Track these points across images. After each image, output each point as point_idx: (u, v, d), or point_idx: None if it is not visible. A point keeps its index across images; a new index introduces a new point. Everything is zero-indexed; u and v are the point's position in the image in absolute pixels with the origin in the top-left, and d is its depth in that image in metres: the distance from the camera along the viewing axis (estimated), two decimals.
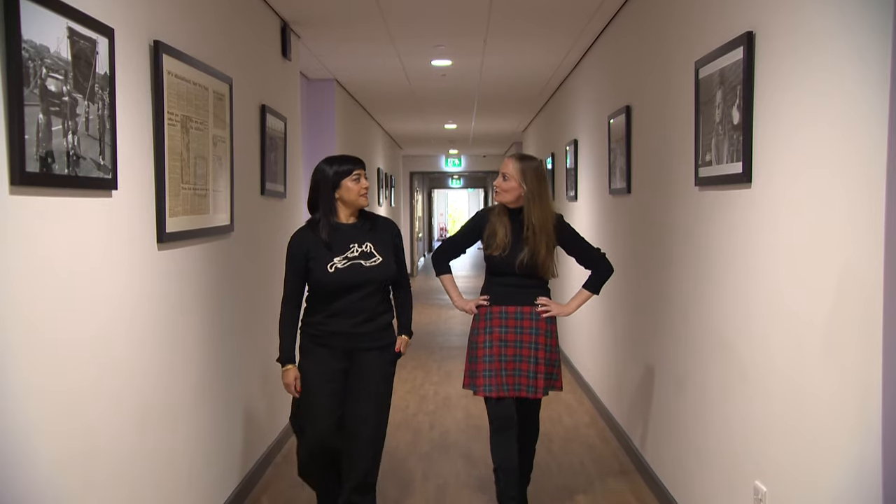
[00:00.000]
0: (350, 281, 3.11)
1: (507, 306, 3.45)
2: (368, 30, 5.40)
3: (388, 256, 3.20)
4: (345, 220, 3.20)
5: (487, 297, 3.49)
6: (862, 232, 2.01)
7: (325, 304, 3.15)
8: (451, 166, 17.83)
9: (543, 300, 3.48)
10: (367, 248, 3.15)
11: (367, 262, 3.14)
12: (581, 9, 4.87)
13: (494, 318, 3.46)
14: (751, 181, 2.67)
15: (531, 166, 3.42)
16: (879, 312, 1.93)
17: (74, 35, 2.20)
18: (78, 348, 2.27)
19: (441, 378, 6.82)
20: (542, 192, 3.40)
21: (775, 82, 2.50)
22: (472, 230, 3.61)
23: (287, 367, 3.18)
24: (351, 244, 3.14)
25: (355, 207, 3.20)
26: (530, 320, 3.45)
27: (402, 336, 3.34)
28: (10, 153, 1.92)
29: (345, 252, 3.13)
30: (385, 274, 3.18)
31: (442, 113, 10.21)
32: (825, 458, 2.22)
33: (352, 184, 3.15)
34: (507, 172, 3.42)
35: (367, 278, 3.13)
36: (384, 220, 3.31)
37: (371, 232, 3.20)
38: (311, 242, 3.14)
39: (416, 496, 4.01)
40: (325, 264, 3.10)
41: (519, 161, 3.44)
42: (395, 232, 3.30)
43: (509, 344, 3.44)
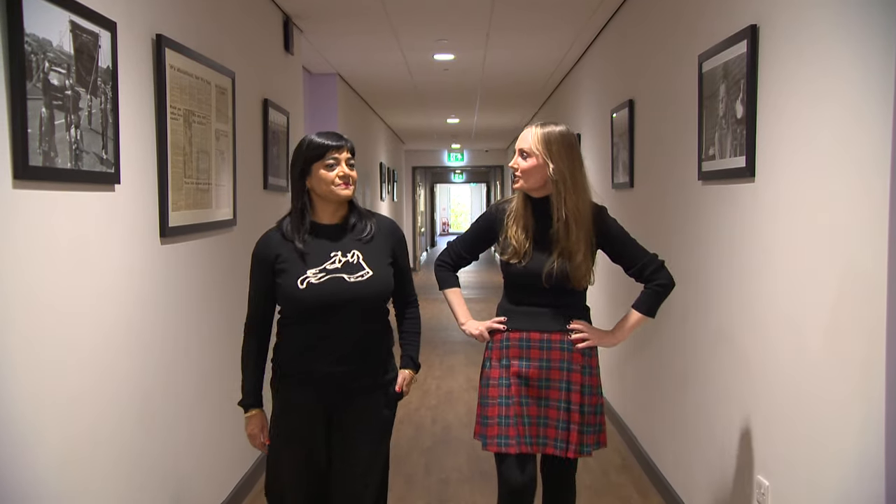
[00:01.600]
0: (326, 300, 2.32)
1: (529, 332, 2.60)
2: (371, 24, 5.39)
3: (382, 268, 2.42)
4: (326, 219, 2.44)
5: (504, 320, 2.64)
6: (866, 226, 2.00)
7: (299, 332, 2.39)
8: (454, 161, 17.82)
9: (579, 325, 2.60)
10: (353, 258, 2.39)
11: (351, 276, 2.36)
12: (584, 2, 4.86)
13: (513, 348, 2.61)
14: (754, 175, 2.67)
15: (560, 136, 2.54)
16: (883, 307, 1.93)
17: (77, 29, 2.20)
18: (80, 342, 2.27)
19: (443, 373, 6.82)
20: (575, 171, 2.54)
21: (779, 76, 2.49)
22: (483, 231, 2.75)
23: (251, 412, 2.47)
24: (332, 252, 2.38)
25: (334, 202, 2.43)
26: (561, 351, 2.58)
27: (406, 370, 2.55)
28: (13, 147, 1.92)
29: (323, 262, 2.36)
30: (376, 292, 2.39)
31: (444, 107, 10.20)
32: (828, 453, 2.22)
33: (324, 171, 2.36)
34: (526, 148, 2.55)
35: (349, 297, 2.33)
36: (382, 220, 2.53)
37: (362, 236, 2.43)
38: (280, 249, 2.40)
39: (418, 490, 4.01)
40: (296, 278, 2.34)
41: (542, 130, 2.55)
42: (396, 235, 2.53)
43: (532, 383, 2.59)
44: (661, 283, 2.62)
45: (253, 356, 2.48)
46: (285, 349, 2.43)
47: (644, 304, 2.63)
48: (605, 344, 2.64)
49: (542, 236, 2.57)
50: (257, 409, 2.48)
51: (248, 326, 2.50)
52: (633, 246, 2.64)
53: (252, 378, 2.48)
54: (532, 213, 2.61)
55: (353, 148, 2.45)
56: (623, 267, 2.66)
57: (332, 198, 2.40)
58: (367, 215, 2.50)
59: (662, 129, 3.94)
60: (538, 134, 2.55)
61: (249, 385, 2.48)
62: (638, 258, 2.63)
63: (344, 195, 2.39)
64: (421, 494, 3.95)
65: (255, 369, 2.48)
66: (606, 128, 5.40)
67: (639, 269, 2.62)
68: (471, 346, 8.06)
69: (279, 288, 2.39)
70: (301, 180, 2.40)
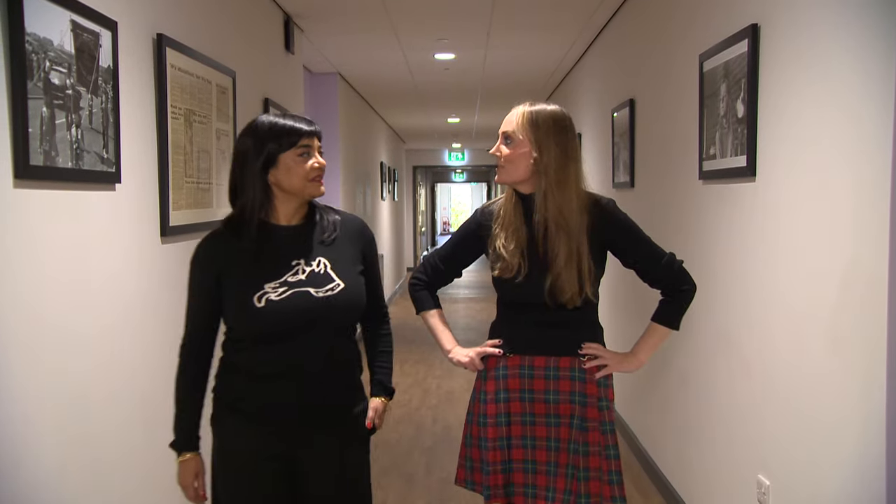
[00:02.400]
0: (291, 320, 1.90)
1: (532, 357, 2.16)
2: (371, 23, 5.39)
3: (353, 278, 2.00)
4: (285, 219, 1.99)
5: (500, 343, 2.21)
6: (867, 225, 2.00)
7: (252, 357, 1.94)
8: (455, 160, 17.81)
9: (592, 347, 2.16)
10: (319, 267, 1.97)
11: (319, 290, 1.93)
12: (585, 2, 4.86)
13: (512, 378, 2.17)
14: (755, 175, 2.66)
15: (551, 117, 2.13)
16: (884, 306, 1.93)
17: (78, 28, 2.20)
18: (81, 341, 2.27)
19: (444, 372, 6.82)
20: (566, 163, 2.10)
21: (780, 76, 2.49)
22: (466, 241, 2.30)
23: (184, 456, 2.01)
24: (294, 260, 1.96)
25: (303, 200, 2.00)
26: (572, 381, 2.14)
27: (377, 399, 2.11)
28: (13, 146, 1.92)
29: (283, 273, 1.93)
30: (350, 308, 1.98)
31: (445, 107, 10.20)
32: (829, 452, 2.22)
33: (297, 163, 1.94)
34: (510, 130, 2.14)
35: (319, 316, 1.92)
36: (348, 219, 2.10)
37: (328, 239, 2.01)
38: (228, 257, 1.95)
39: (419, 490, 4.02)
40: (251, 293, 1.90)
41: (531, 108, 2.15)
42: (365, 237, 2.10)
43: (539, 420, 2.15)
44: (682, 289, 2.20)
45: (190, 386, 2.02)
46: (233, 378, 1.97)
47: (666, 314, 2.21)
48: (625, 369, 2.18)
49: (536, 244, 2.12)
50: (192, 452, 2.01)
51: (184, 349, 2.03)
52: (647, 245, 2.19)
53: (188, 413, 2.01)
54: (523, 214, 2.15)
55: (321, 133, 2.04)
56: (636, 271, 2.23)
57: (304, 195, 1.98)
58: (331, 213, 2.07)
59: (663, 129, 3.94)
60: (525, 114, 2.13)
61: (185, 422, 2.01)
62: (654, 260, 2.18)
63: (319, 192, 1.99)
64: (421, 494, 3.96)
65: (193, 403, 2.01)
66: (607, 127, 5.40)
67: (655, 274, 2.20)
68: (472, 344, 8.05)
69: (228, 305, 1.93)
70: (263, 173, 1.94)
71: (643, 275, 2.23)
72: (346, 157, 7.58)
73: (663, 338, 2.24)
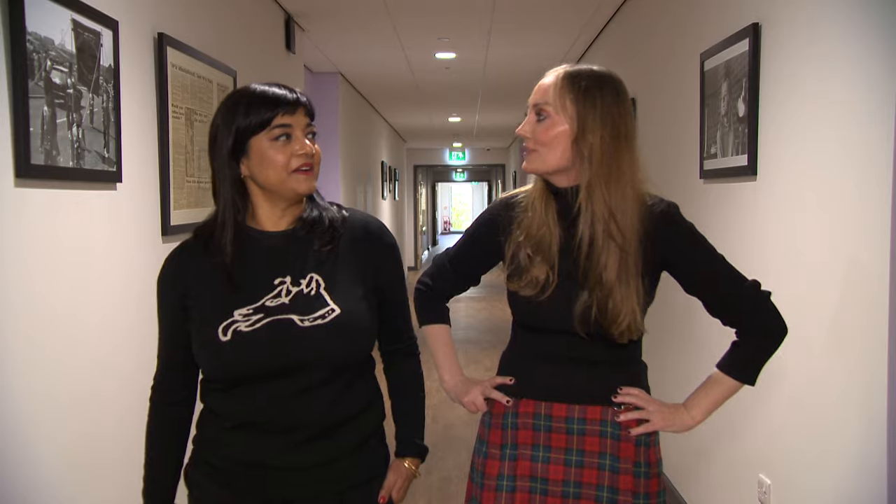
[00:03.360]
0: (265, 360, 1.46)
1: (551, 402, 1.66)
2: (372, 22, 5.39)
3: (355, 302, 1.52)
4: (270, 224, 1.54)
5: (512, 380, 1.71)
6: (868, 224, 2.00)
7: (226, 402, 1.52)
8: (455, 160, 17.81)
9: (632, 394, 1.66)
10: (310, 287, 1.50)
11: (305, 318, 1.47)
12: (586, 1, 4.86)
13: (524, 429, 1.68)
14: (756, 174, 2.66)
15: (597, 82, 1.58)
16: (885, 306, 1.93)
17: (79, 27, 2.20)
18: (83, 339, 2.27)
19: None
20: (619, 146, 1.58)
21: (781, 74, 2.49)
22: (483, 240, 1.76)
23: None
24: (277, 278, 1.51)
25: (289, 198, 1.52)
26: (601, 438, 1.64)
27: (403, 460, 1.67)
28: (15, 145, 1.93)
29: (262, 295, 1.49)
30: (347, 341, 1.49)
31: (446, 106, 10.20)
32: (830, 451, 2.22)
33: (271, 147, 1.47)
34: (544, 102, 1.59)
35: (303, 355, 1.46)
36: (360, 221, 1.61)
37: (326, 249, 1.54)
38: (195, 274, 1.54)
39: (419, 490, 4.02)
40: (215, 323, 1.47)
41: (573, 70, 1.60)
42: (380, 244, 1.60)
43: (554, 490, 1.64)
44: (767, 330, 1.65)
45: (160, 441, 1.60)
46: (209, 427, 1.56)
47: (739, 364, 1.65)
48: (674, 427, 1.69)
49: (571, 252, 1.60)
50: None
51: (154, 392, 1.61)
52: (724, 268, 1.65)
53: (157, 474, 1.59)
54: (556, 213, 1.63)
55: (313, 108, 1.56)
56: (705, 302, 1.67)
57: (286, 193, 1.49)
58: (332, 213, 1.57)
59: (664, 128, 3.94)
60: (563, 77, 1.57)
61: (151, 486, 1.60)
62: (731, 289, 1.64)
63: (305, 189, 1.49)
64: (422, 493, 3.96)
65: (163, 462, 1.59)
66: None
67: (732, 307, 1.64)
68: (472, 344, 8.06)
69: (192, 338, 1.52)
70: (232, 164, 1.48)
71: (714, 307, 1.66)
72: (346, 157, 7.58)
73: (730, 393, 1.68)
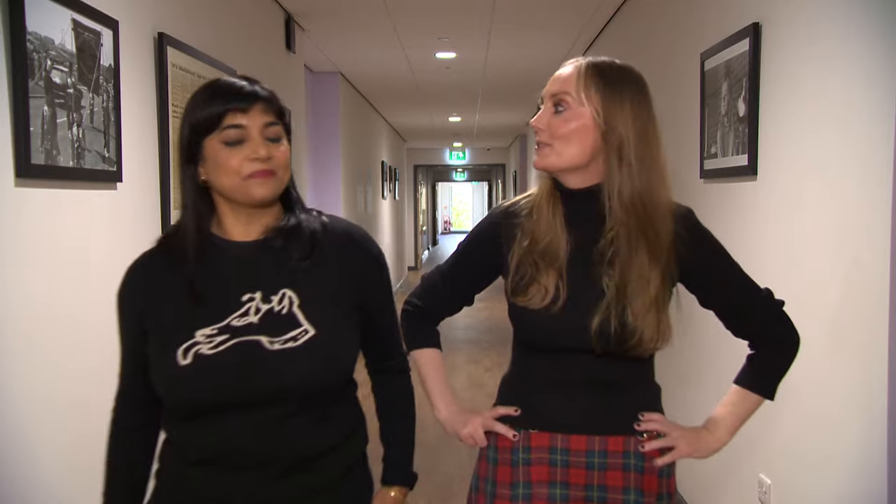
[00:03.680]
0: (228, 387, 1.31)
1: (566, 434, 1.49)
2: (372, 22, 5.39)
3: (332, 322, 1.37)
4: (240, 233, 1.40)
5: (517, 410, 1.54)
6: (869, 224, 2.00)
7: (188, 434, 1.36)
8: (456, 159, 17.81)
9: (654, 420, 1.52)
10: (282, 304, 1.36)
11: (274, 340, 1.33)
12: (586, 0, 4.86)
13: (538, 465, 1.51)
14: (756, 174, 2.66)
15: (623, 75, 1.51)
16: (886, 306, 1.93)
17: (79, 27, 2.20)
18: (82, 340, 2.27)
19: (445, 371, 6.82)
20: (649, 140, 1.47)
21: (781, 74, 2.49)
22: (480, 253, 1.60)
23: None
24: (247, 294, 1.36)
25: (251, 205, 1.37)
26: (625, 471, 1.49)
27: (388, 491, 1.51)
28: (15, 145, 1.93)
29: (227, 313, 1.34)
30: (322, 367, 1.34)
31: (446, 106, 10.20)
32: (830, 451, 2.22)
33: (221, 150, 1.33)
34: (563, 92, 1.47)
35: (271, 380, 1.31)
36: (342, 230, 1.46)
37: (302, 261, 1.38)
38: (156, 288, 1.40)
39: (420, 490, 4.00)
40: (174, 344, 1.32)
41: (599, 71, 1.49)
42: (365, 257, 1.46)
43: None
44: (783, 341, 1.58)
45: (123, 469, 1.45)
46: (171, 458, 1.41)
47: (759, 377, 1.58)
48: (701, 453, 1.54)
49: (586, 260, 1.45)
50: None
51: (115, 417, 1.47)
52: (741, 278, 1.55)
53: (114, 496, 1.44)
54: (567, 217, 1.48)
55: (279, 103, 1.39)
56: (719, 313, 1.59)
57: (244, 200, 1.35)
58: (311, 221, 1.42)
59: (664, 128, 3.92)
60: (587, 67, 1.48)
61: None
62: (747, 299, 1.55)
63: (261, 195, 1.34)
64: (422, 493, 3.96)
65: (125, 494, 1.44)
66: None
67: (748, 317, 1.56)
68: (472, 344, 8.06)
69: (150, 360, 1.37)
70: (190, 166, 1.36)
71: (730, 318, 1.58)
72: (346, 157, 7.58)
73: (753, 410, 1.59)
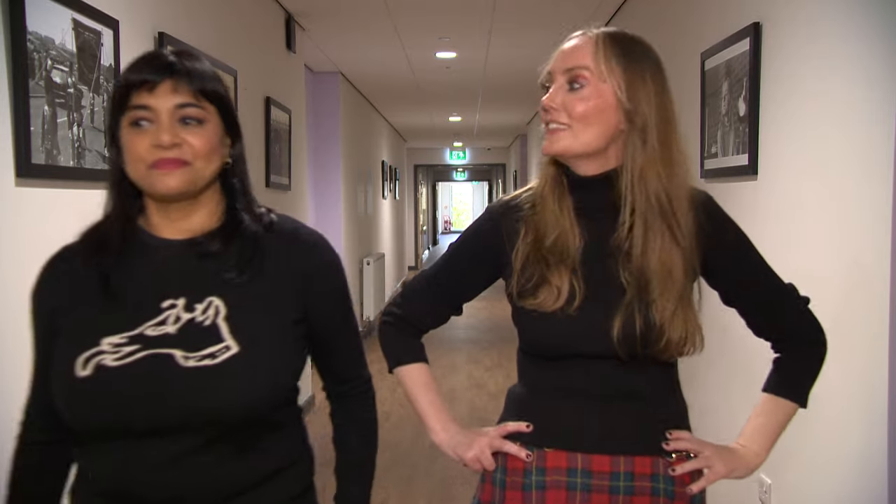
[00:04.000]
0: (130, 408, 1.12)
1: (587, 453, 1.31)
2: (373, 22, 5.39)
3: (264, 338, 1.18)
4: (171, 230, 1.24)
5: (529, 426, 1.34)
6: (869, 224, 2.00)
7: (92, 461, 1.18)
8: (456, 159, 17.80)
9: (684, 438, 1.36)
10: (206, 314, 1.18)
11: (189, 355, 1.14)
12: (586, 0, 4.86)
13: (554, 489, 1.31)
14: (757, 173, 2.66)
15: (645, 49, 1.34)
16: (886, 306, 1.92)
17: (79, 27, 2.20)
18: None
19: (444, 371, 6.82)
20: (669, 120, 1.30)
21: (782, 73, 2.49)
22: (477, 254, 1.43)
23: None
24: (169, 300, 1.19)
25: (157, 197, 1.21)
26: (654, 496, 1.31)
27: None
28: (15, 145, 1.93)
29: (142, 320, 1.17)
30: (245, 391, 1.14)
31: (446, 105, 10.19)
32: (831, 451, 2.22)
33: (129, 135, 1.17)
34: (581, 66, 1.30)
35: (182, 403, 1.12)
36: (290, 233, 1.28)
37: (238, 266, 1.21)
38: (70, 286, 1.26)
39: (419, 490, 4.02)
40: (75, 353, 1.16)
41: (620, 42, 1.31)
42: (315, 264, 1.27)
43: None
44: (812, 341, 1.47)
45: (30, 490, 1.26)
46: (80, 487, 1.22)
47: (791, 382, 1.45)
48: (739, 472, 1.43)
49: (601, 253, 1.30)
50: None
51: (23, 431, 1.30)
52: (767, 271, 1.43)
53: None
54: (576, 208, 1.32)
55: (206, 81, 1.18)
56: (742, 310, 1.44)
57: (149, 192, 1.19)
58: (254, 220, 1.24)
59: None
60: (605, 38, 1.29)
61: None
62: (775, 295, 1.42)
63: (164, 187, 1.16)
64: (422, 493, 3.96)
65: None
66: None
67: (773, 315, 1.42)
68: (472, 343, 8.06)
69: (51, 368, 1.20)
70: (112, 152, 1.22)
71: (756, 317, 1.44)
72: (347, 156, 7.58)
73: (789, 418, 1.45)
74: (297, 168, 5.19)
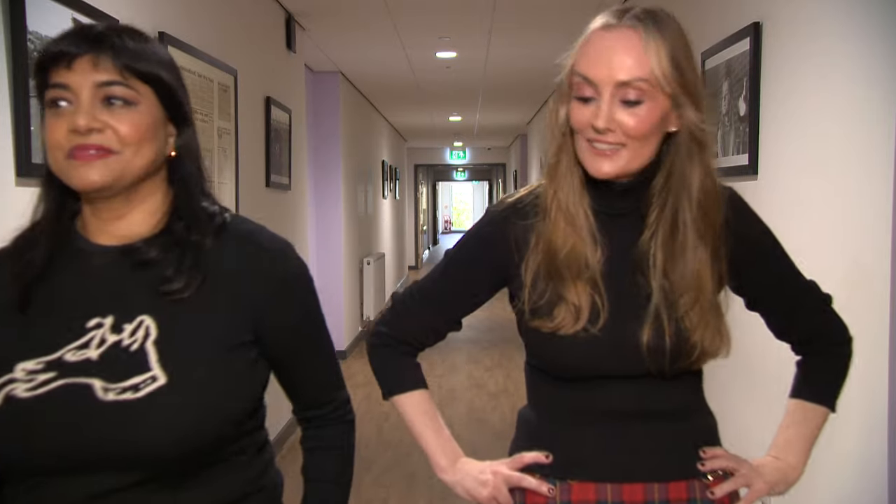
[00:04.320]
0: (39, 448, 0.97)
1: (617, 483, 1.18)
2: (373, 21, 5.39)
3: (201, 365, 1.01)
4: (100, 234, 1.08)
5: (548, 456, 1.20)
6: (870, 224, 2.00)
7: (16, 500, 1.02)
8: (456, 159, 17.81)
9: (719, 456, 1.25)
10: (134, 336, 1.01)
11: (109, 387, 0.98)
12: (586, 0, 4.86)
13: None
14: (757, 173, 2.66)
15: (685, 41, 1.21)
16: (887, 306, 1.92)
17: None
18: None
19: (445, 371, 6.82)
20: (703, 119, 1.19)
21: (782, 73, 2.49)
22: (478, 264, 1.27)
23: None
24: (95, 318, 1.02)
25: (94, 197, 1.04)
26: None
27: None
28: (16, 144, 1.93)
29: (63, 342, 1.01)
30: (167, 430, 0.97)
31: (446, 105, 10.19)
32: (830, 452, 2.22)
33: (48, 115, 1.00)
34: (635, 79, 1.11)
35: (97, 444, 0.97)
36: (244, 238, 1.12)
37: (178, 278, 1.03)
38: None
39: (420, 489, 4.02)
40: None
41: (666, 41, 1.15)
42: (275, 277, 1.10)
43: None
44: (838, 341, 1.38)
45: None
46: None
47: (819, 387, 1.38)
48: (780, 487, 1.29)
49: (625, 263, 1.18)
50: None
51: None
52: (792, 268, 1.35)
53: None
54: (595, 213, 1.19)
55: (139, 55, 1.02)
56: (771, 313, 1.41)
57: (69, 184, 1.02)
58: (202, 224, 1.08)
59: None
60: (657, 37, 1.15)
61: None
62: (800, 294, 1.36)
63: (79, 181, 1.01)
64: (423, 493, 3.96)
65: None
66: None
67: (798, 316, 1.37)
68: (472, 343, 8.06)
69: None
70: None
71: (780, 317, 1.39)
72: (347, 156, 7.58)
73: (822, 424, 1.35)
74: (297, 168, 5.19)
